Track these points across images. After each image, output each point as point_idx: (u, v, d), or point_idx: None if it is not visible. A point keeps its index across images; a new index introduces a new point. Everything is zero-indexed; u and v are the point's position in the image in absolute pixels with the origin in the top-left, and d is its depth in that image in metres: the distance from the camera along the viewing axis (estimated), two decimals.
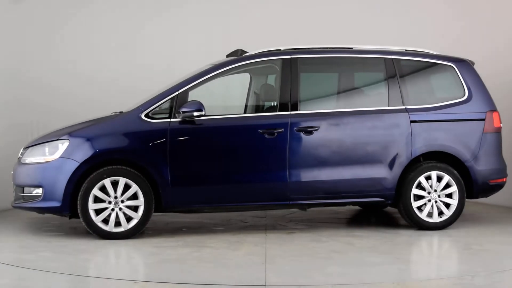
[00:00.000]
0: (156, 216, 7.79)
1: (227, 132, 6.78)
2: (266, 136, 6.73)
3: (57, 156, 6.53)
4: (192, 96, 6.87)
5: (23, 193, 6.68)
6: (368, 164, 6.96)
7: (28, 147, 6.81)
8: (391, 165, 6.97)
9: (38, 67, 9.16)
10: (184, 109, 6.60)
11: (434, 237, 6.78)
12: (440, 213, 7.08)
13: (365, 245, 6.33)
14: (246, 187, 6.77)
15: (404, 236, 6.80)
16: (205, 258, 5.78)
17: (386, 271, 5.32)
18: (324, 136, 6.87)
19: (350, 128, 6.96)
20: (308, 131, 6.81)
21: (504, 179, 7.41)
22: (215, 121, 6.76)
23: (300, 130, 6.80)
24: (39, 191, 6.54)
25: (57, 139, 6.62)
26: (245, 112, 7.68)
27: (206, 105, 6.65)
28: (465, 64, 7.41)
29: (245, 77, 7.86)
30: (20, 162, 6.80)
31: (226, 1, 9.63)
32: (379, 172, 6.96)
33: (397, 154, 6.98)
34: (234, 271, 5.33)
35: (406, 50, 7.42)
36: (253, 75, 7.74)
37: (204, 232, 7.06)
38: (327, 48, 7.20)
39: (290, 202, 6.87)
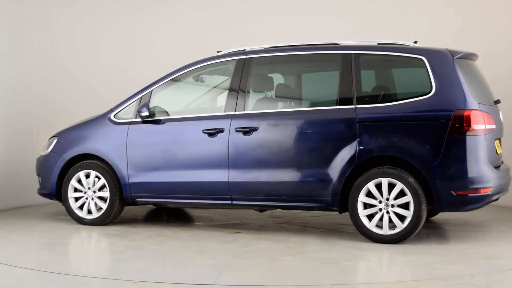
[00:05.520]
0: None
1: (174, 132, 7.12)
2: (208, 136, 6.88)
3: (49, 151, 7.69)
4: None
5: (39, 181, 7.99)
6: (309, 167, 6.58)
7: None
8: (334, 169, 6.46)
9: (39, 66, 9.45)
10: (137, 110, 7.16)
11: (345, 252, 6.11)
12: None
13: (255, 249, 6.12)
14: (192, 186, 7.01)
15: (323, 245, 6.29)
16: (100, 246, 6.54)
17: (182, 272, 5.29)
18: (263, 136, 6.72)
19: (290, 129, 6.66)
20: (247, 132, 6.74)
21: (482, 191, 6.20)
22: (168, 121, 7.13)
23: (239, 131, 6.77)
24: (40, 180, 7.79)
25: (53, 136, 7.78)
26: None
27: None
28: (440, 57, 6.39)
29: None
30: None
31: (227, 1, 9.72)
32: (321, 176, 6.52)
33: (340, 158, 6.44)
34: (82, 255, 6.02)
35: (378, 43, 6.73)
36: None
37: (175, 225, 7.50)
38: (286, 46, 6.96)
39: (232, 202, 6.89)
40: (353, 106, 6.48)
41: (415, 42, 6.87)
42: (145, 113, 7.10)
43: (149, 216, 8.29)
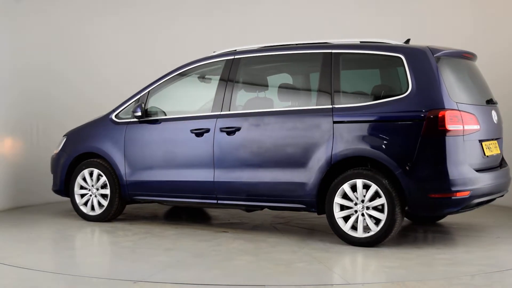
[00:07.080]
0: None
1: (165, 132, 7.27)
2: (195, 136, 6.98)
3: (59, 150, 8.04)
4: None
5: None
6: (287, 167, 6.55)
7: None
8: (310, 170, 6.40)
9: (40, 66, 9.35)
10: (132, 110, 7.37)
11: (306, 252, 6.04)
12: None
13: (222, 249, 6.17)
14: (181, 185, 7.13)
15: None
16: (78, 241, 6.80)
17: (126, 270, 5.43)
18: (245, 137, 6.75)
19: (269, 129, 6.65)
20: (230, 132, 6.79)
21: (459, 194, 5.94)
22: (160, 121, 7.29)
23: (223, 131, 6.83)
24: (52, 177, 8.16)
25: (63, 135, 8.12)
26: None
27: None
28: (418, 55, 6.17)
29: None
30: None
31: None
32: (297, 176, 6.47)
33: (316, 158, 6.37)
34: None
35: (360, 42, 6.59)
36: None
37: (171, 224, 7.65)
38: (273, 45, 6.94)
39: (217, 202, 6.96)
40: (330, 106, 6.39)
41: (408, 41, 6.68)
42: (138, 113, 7.30)
43: (168, 214, 8.47)
